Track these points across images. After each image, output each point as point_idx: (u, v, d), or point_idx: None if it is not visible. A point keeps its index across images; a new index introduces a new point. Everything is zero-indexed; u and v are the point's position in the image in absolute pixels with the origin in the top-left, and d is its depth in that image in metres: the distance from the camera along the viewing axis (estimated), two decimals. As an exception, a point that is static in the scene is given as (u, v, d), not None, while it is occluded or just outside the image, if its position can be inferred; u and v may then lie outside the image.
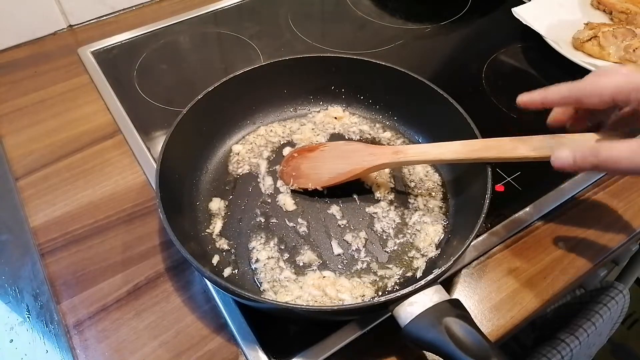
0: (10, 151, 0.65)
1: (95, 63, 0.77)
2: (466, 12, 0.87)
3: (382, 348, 0.47)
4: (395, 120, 0.64)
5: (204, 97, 0.56)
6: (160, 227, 0.56)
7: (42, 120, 0.68)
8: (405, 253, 0.52)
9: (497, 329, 0.48)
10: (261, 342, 0.46)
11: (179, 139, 0.53)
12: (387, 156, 0.53)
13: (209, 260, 0.51)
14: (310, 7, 0.91)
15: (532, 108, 0.46)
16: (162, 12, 0.87)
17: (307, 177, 0.56)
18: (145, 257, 0.53)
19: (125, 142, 0.65)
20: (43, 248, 0.54)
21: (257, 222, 0.54)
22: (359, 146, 0.55)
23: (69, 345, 0.47)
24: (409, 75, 0.58)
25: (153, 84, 0.74)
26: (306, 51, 0.77)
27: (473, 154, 0.49)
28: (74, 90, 0.73)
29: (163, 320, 0.49)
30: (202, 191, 0.57)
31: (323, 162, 0.56)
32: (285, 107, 0.65)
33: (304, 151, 0.58)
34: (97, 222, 0.56)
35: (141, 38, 0.82)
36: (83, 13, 0.84)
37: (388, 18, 0.87)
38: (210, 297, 0.50)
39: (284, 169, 0.58)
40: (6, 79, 0.75)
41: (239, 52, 0.80)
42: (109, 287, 0.51)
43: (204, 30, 0.84)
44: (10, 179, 0.61)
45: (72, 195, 0.59)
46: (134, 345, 0.47)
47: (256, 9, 0.89)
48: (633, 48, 0.69)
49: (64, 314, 0.49)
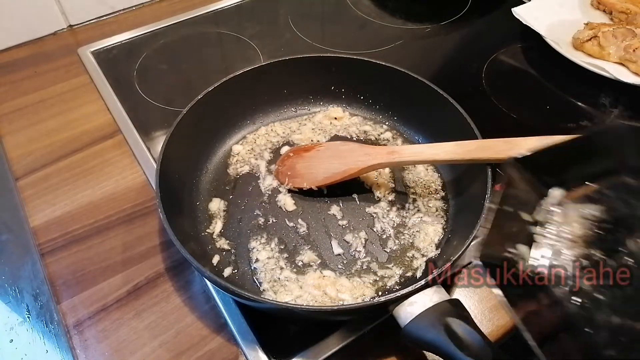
0: (10, 151, 0.65)
1: (95, 63, 0.77)
2: (466, 12, 0.87)
3: (382, 348, 0.46)
4: (395, 120, 0.64)
5: (204, 97, 0.56)
6: (160, 227, 0.56)
7: (42, 120, 0.68)
8: (405, 253, 0.52)
9: (497, 329, 0.48)
10: (261, 342, 0.46)
11: (179, 139, 0.53)
12: (381, 156, 0.53)
13: (209, 260, 0.51)
14: (310, 7, 0.91)
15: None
16: (162, 12, 0.87)
17: (303, 177, 0.56)
18: (145, 257, 0.53)
19: (125, 142, 0.65)
20: (43, 248, 0.54)
21: (257, 222, 0.54)
22: (354, 146, 0.55)
23: (69, 345, 0.47)
24: (409, 75, 0.58)
25: (153, 84, 0.74)
26: (306, 51, 0.77)
27: (468, 155, 0.49)
28: (74, 90, 0.73)
29: (163, 320, 0.49)
30: (202, 191, 0.57)
31: (318, 162, 0.56)
32: (285, 107, 0.65)
33: (300, 151, 0.58)
34: (97, 222, 0.56)
35: (141, 38, 0.82)
36: (83, 13, 0.84)
37: (388, 18, 0.87)
38: (210, 297, 0.50)
39: (280, 168, 0.58)
40: (6, 79, 0.75)
41: (239, 52, 0.80)
42: (109, 287, 0.51)
43: (204, 30, 0.84)
44: (10, 179, 0.61)
45: (72, 195, 0.59)
46: (134, 345, 0.47)
47: (256, 9, 0.89)
48: (633, 48, 0.69)
49: (64, 314, 0.49)
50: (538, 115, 0.69)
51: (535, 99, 0.72)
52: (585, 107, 0.70)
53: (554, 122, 0.68)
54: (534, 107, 0.70)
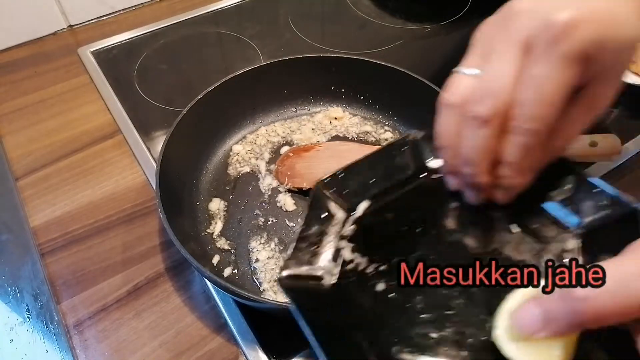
0: (10, 151, 0.65)
1: (95, 63, 0.77)
2: (466, 12, 0.87)
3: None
4: (395, 120, 0.64)
5: (204, 97, 0.56)
6: (160, 227, 0.56)
7: (42, 120, 0.68)
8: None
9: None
10: (261, 342, 0.46)
11: (179, 139, 0.53)
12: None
13: (209, 260, 0.51)
14: (310, 7, 0.91)
15: None
16: (162, 12, 0.87)
17: (302, 177, 0.56)
18: (145, 257, 0.53)
19: (125, 142, 0.65)
20: (43, 248, 0.54)
21: (257, 222, 0.54)
22: (353, 146, 0.55)
23: (69, 345, 0.47)
24: (409, 75, 0.58)
25: (153, 84, 0.74)
26: (306, 51, 0.77)
27: None
28: (74, 90, 0.73)
29: (163, 320, 0.49)
30: (202, 191, 0.57)
31: (318, 162, 0.56)
32: (285, 107, 0.65)
33: (299, 151, 0.58)
34: (97, 222, 0.56)
35: (141, 38, 0.82)
36: (83, 13, 0.84)
37: (388, 18, 0.87)
38: (210, 297, 0.50)
39: (279, 168, 0.58)
40: (6, 79, 0.75)
41: (239, 52, 0.80)
42: (109, 287, 0.51)
43: (204, 30, 0.84)
44: (10, 179, 0.61)
45: (72, 195, 0.59)
46: (134, 345, 0.47)
47: (256, 9, 0.89)
48: (633, 48, 0.69)
49: (64, 314, 0.49)
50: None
51: (535, 99, 0.72)
52: (585, 107, 0.70)
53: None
54: (534, 107, 0.70)
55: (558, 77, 0.28)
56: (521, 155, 0.30)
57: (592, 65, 0.29)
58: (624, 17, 0.28)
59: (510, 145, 0.30)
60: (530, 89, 0.28)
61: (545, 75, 0.28)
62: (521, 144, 0.30)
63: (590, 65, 0.28)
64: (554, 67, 0.27)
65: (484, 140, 0.31)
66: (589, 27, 0.27)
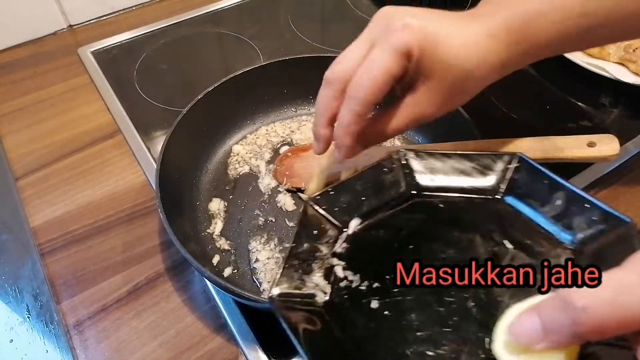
0: (10, 151, 0.65)
1: (95, 63, 0.77)
2: (466, 12, 0.87)
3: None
4: (395, 120, 0.63)
5: (204, 97, 0.57)
6: (160, 227, 0.56)
7: (42, 120, 0.68)
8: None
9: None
10: (261, 342, 0.46)
11: (179, 139, 0.53)
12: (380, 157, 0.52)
13: (209, 260, 0.51)
14: (310, 7, 0.91)
15: None
16: (162, 12, 0.87)
17: (301, 177, 0.56)
18: (145, 257, 0.53)
19: (125, 142, 0.65)
20: (43, 248, 0.54)
21: (257, 222, 0.54)
22: None
23: (69, 345, 0.47)
24: (409, 76, 0.58)
25: (153, 84, 0.74)
26: (306, 51, 0.77)
27: None
28: (74, 90, 0.73)
29: (163, 320, 0.49)
30: (202, 191, 0.57)
31: (316, 162, 0.56)
32: (285, 107, 0.65)
33: (298, 150, 0.58)
34: (97, 222, 0.56)
35: (141, 38, 0.82)
36: (83, 13, 0.84)
37: (388, 18, 0.86)
38: (210, 297, 0.50)
39: (278, 168, 0.58)
40: (6, 79, 0.75)
41: (239, 52, 0.80)
42: (109, 287, 0.51)
43: (204, 30, 0.84)
44: (10, 179, 0.61)
45: (72, 195, 0.59)
46: (134, 345, 0.47)
47: (256, 9, 0.89)
48: (633, 48, 0.69)
49: (64, 314, 0.49)
50: (538, 115, 0.69)
51: (535, 99, 0.72)
52: (585, 107, 0.70)
53: (554, 122, 0.68)
54: (534, 107, 0.70)
55: (384, 61, 0.35)
56: (349, 120, 0.37)
57: (414, 66, 0.36)
58: (451, 41, 0.36)
59: (342, 108, 0.38)
60: (363, 67, 0.36)
61: (376, 59, 0.36)
62: (349, 109, 0.37)
63: (413, 64, 0.36)
64: (383, 54, 0.36)
65: (324, 98, 0.39)
66: (416, 35, 0.35)
